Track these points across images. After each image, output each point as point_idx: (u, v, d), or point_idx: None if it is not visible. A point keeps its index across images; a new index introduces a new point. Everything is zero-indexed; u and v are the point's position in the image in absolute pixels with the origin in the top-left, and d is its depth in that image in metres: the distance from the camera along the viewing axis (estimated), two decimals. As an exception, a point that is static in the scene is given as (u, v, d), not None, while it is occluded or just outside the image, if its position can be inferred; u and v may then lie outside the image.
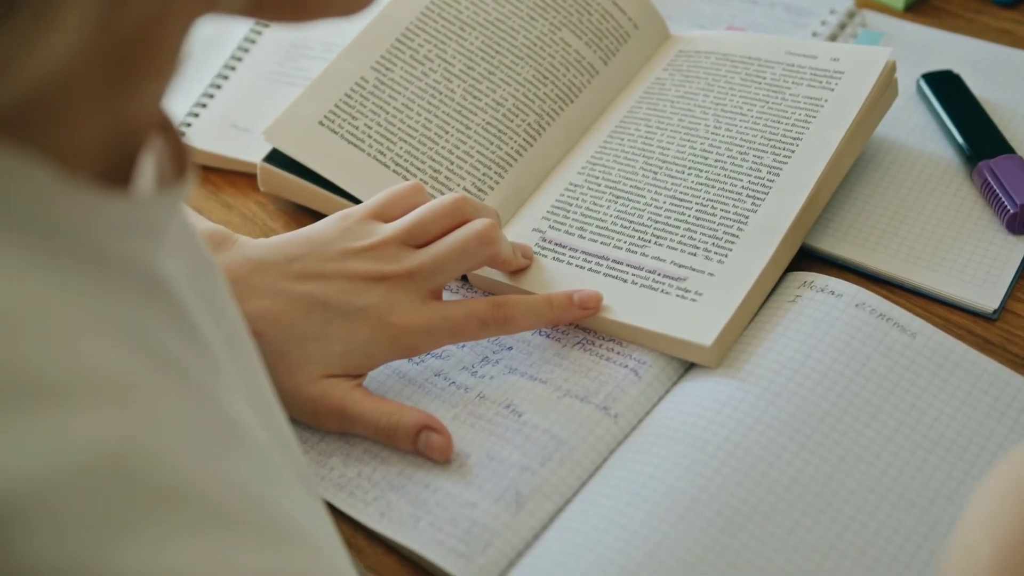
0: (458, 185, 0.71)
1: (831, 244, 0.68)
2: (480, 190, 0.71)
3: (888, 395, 0.57)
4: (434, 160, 0.72)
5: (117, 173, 0.33)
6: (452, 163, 0.72)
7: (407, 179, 0.70)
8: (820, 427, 0.56)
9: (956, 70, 0.78)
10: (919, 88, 0.78)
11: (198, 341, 0.35)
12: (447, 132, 0.73)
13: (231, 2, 0.33)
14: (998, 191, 0.68)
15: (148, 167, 0.36)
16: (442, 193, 0.70)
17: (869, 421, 0.56)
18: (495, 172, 0.72)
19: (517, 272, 0.66)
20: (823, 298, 0.62)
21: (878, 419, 0.56)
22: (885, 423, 0.56)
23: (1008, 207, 0.67)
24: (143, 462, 0.26)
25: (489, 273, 0.66)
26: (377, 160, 0.71)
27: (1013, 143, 0.72)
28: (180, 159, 0.37)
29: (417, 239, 0.60)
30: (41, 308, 0.27)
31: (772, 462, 0.54)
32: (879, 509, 0.53)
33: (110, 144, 0.32)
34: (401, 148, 0.72)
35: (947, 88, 0.76)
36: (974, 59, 0.81)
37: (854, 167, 0.72)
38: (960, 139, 0.72)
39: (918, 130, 0.76)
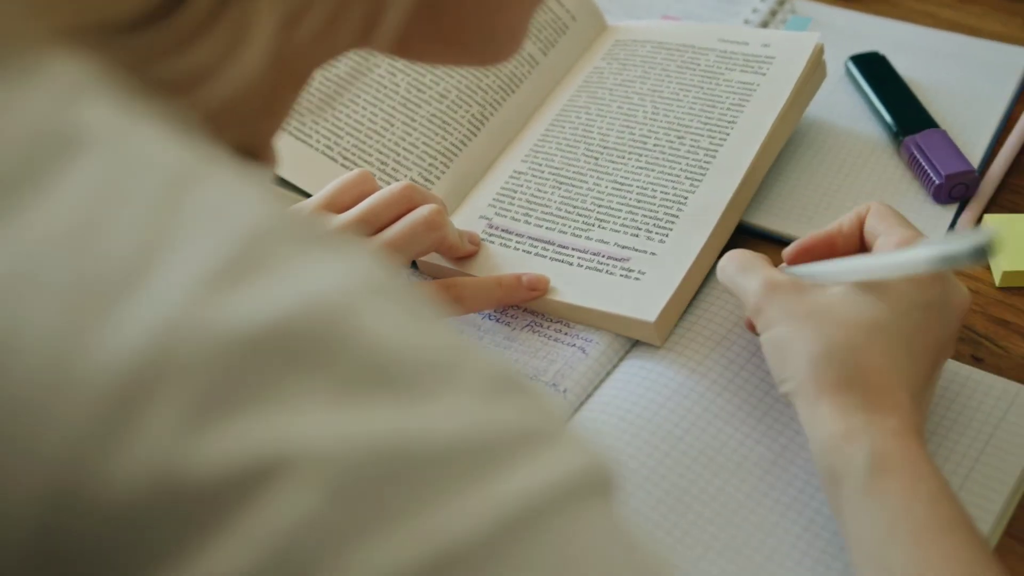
0: (405, 176, 0.73)
1: (767, 220, 0.71)
2: (427, 180, 0.73)
3: None
4: (381, 152, 0.73)
5: None
6: (399, 155, 0.73)
7: (355, 172, 0.72)
8: (764, 418, 0.58)
9: (882, 52, 0.81)
10: (847, 70, 0.81)
11: None
12: (393, 125, 0.74)
13: (381, 40, 0.34)
14: (924, 164, 0.71)
15: None
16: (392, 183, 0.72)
17: None
18: (441, 162, 0.74)
19: (465, 258, 0.68)
20: None
21: None
22: None
23: (934, 179, 0.70)
24: None
25: (438, 260, 0.68)
26: (325, 155, 0.73)
27: (937, 118, 0.75)
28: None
29: (369, 227, 0.62)
30: None
31: (719, 448, 0.57)
32: (820, 491, 0.55)
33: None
34: (348, 142, 0.73)
35: (874, 69, 0.79)
36: (899, 41, 0.84)
37: (787, 146, 0.74)
38: (887, 116, 0.75)
39: (847, 109, 0.78)
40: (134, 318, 0.24)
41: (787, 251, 0.59)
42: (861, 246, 0.58)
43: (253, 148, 0.34)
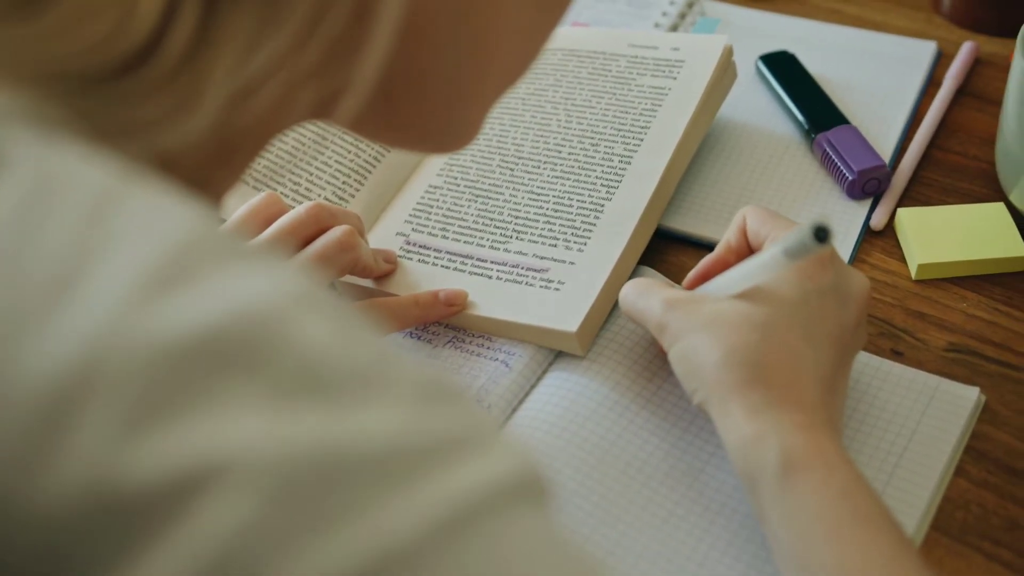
0: (319, 195, 0.71)
1: (685, 223, 0.71)
2: (341, 199, 0.72)
3: None
4: (293, 173, 0.72)
5: None
6: (311, 175, 0.72)
7: (267, 194, 0.70)
8: (691, 427, 0.58)
9: (791, 50, 0.81)
10: (758, 69, 0.81)
11: None
12: (304, 144, 0.73)
13: (340, 117, 0.35)
14: (837, 161, 0.71)
15: None
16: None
17: None
18: (355, 180, 0.73)
19: (383, 277, 0.67)
20: None
21: None
22: None
23: (847, 175, 0.70)
24: None
25: (356, 280, 0.66)
26: (235, 178, 0.71)
27: (847, 114, 0.76)
28: None
29: (279, 250, 0.61)
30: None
31: (646, 459, 0.57)
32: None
33: None
34: (259, 164, 0.72)
35: (784, 67, 0.80)
36: (807, 39, 0.84)
37: (701, 149, 0.75)
38: (799, 114, 0.76)
39: (759, 109, 0.79)
40: (61, 330, 0.24)
41: (687, 279, 0.60)
42: (749, 252, 0.58)
43: (205, 195, 0.34)
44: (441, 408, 0.26)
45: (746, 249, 0.58)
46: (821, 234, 0.45)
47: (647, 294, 0.56)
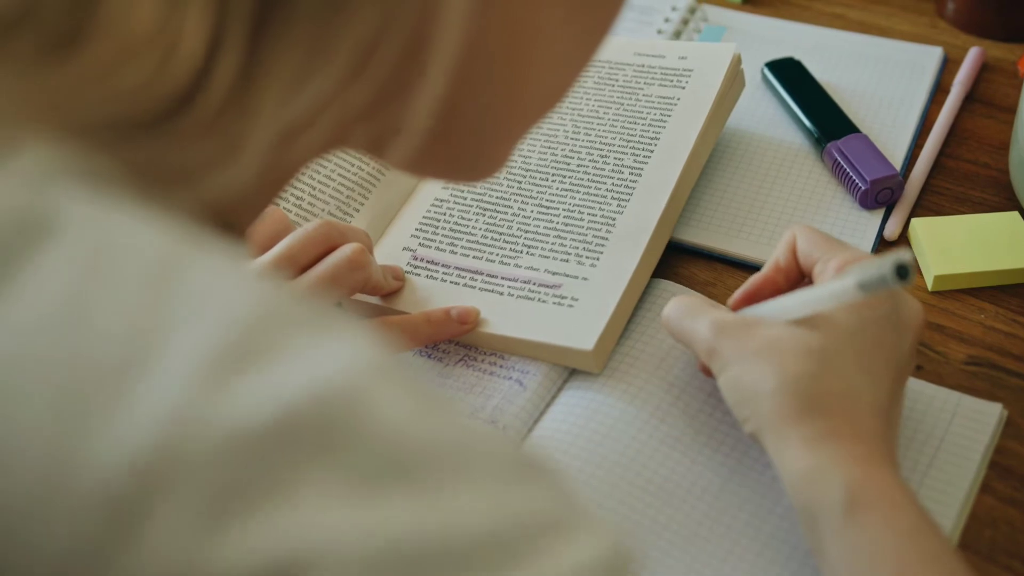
0: (322, 210, 0.70)
1: (696, 235, 0.70)
2: (346, 213, 0.70)
3: None
4: (296, 188, 0.70)
5: None
6: (314, 188, 0.71)
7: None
8: (710, 442, 0.57)
9: (797, 56, 0.80)
10: (764, 76, 0.80)
11: None
12: (306, 159, 0.71)
13: (391, 157, 0.35)
14: (848, 170, 0.70)
15: None
16: (309, 220, 0.69)
17: None
18: (359, 194, 0.71)
19: (391, 294, 0.65)
20: None
21: None
22: None
23: (859, 184, 0.69)
24: None
25: (363, 297, 0.65)
26: (237, 193, 0.70)
27: (855, 121, 0.75)
28: None
29: (288, 269, 0.59)
30: None
31: (667, 476, 0.55)
32: (772, 514, 0.54)
33: None
34: (261, 179, 0.70)
35: (790, 74, 0.79)
36: (813, 45, 0.84)
37: (710, 158, 0.73)
38: (808, 123, 0.75)
39: (767, 117, 0.78)
40: (132, 416, 0.22)
41: (732, 299, 0.57)
42: (800, 274, 0.56)
43: (234, 225, 0.33)
44: (528, 488, 0.25)
45: (795, 269, 0.56)
46: (903, 272, 0.44)
47: (695, 315, 0.54)
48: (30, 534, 0.22)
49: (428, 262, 0.67)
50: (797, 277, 0.57)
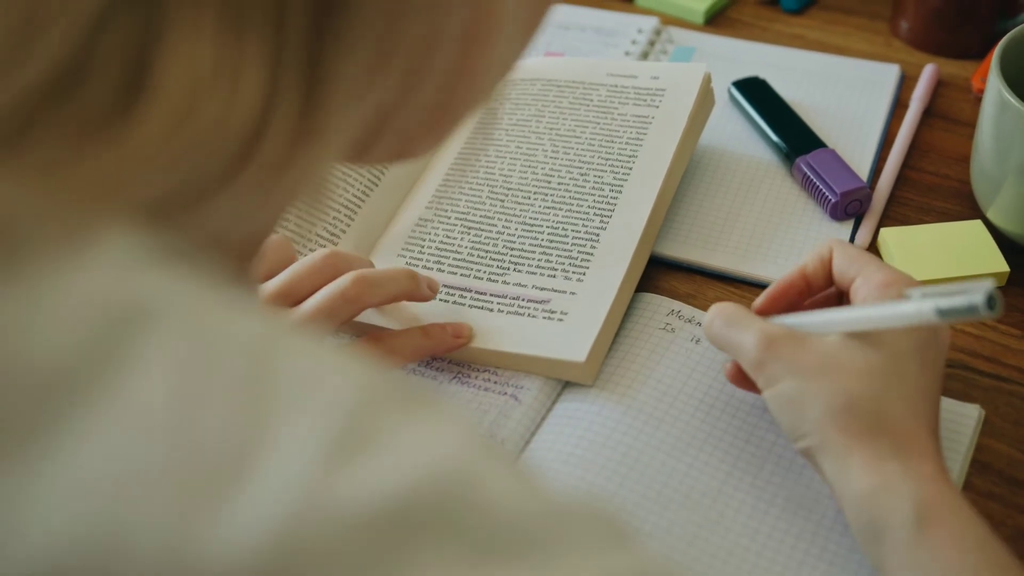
0: (309, 231, 0.71)
1: (674, 248, 0.72)
2: (332, 235, 0.71)
3: (763, 412, 0.61)
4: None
5: None
6: (301, 212, 0.71)
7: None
8: (705, 447, 0.59)
9: (761, 75, 0.83)
10: (731, 95, 0.83)
11: None
12: (291, 182, 0.72)
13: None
14: (818, 183, 0.73)
15: None
16: (298, 243, 0.70)
17: (748, 437, 0.59)
18: (345, 215, 0.72)
19: (386, 313, 0.66)
20: (692, 329, 0.65)
21: (757, 435, 0.59)
22: (763, 438, 0.59)
23: (830, 196, 0.72)
24: None
25: (365, 317, 0.66)
26: (224, 217, 0.70)
27: (822, 137, 0.78)
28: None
29: (290, 298, 0.60)
30: None
31: (665, 482, 0.57)
32: (768, 514, 0.56)
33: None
34: (247, 203, 0.71)
35: (757, 93, 0.82)
36: (775, 64, 0.86)
37: (684, 175, 0.76)
38: (776, 139, 0.77)
39: (735, 134, 0.80)
40: (252, 505, 0.22)
41: (758, 303, 0.58)
42: (825, 283, 0.58)
43: (244, 253, 0.33)
44: (626, 552, 0.26)
45: (823, 279, 0.57)
46: (992, 303, 0.44)
47: (740, 325, 0.54)
48: None
49: (416, 281, 0.68)
50: (821, 288, 0.58)
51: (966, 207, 0.74)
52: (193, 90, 0.25)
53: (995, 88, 0.65)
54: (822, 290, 0.58)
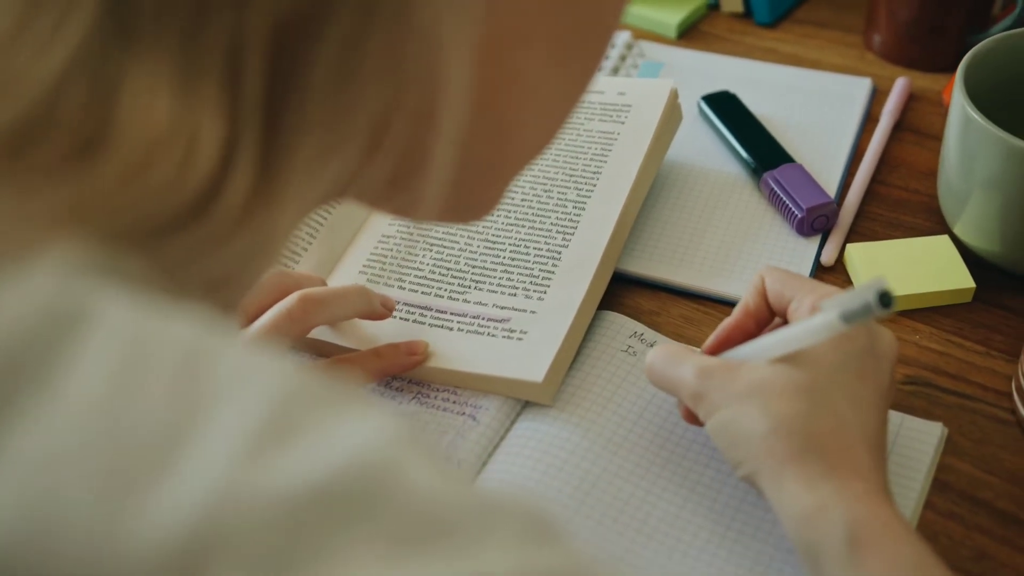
0: (271, 252, 0.70)
1: (639, 265, 0.71)
2: (294, 253, 0.71)
3: None
4: (243, 229, 0.71)
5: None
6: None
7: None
8: (663, 473, 0.58)
9: (732, 90, 0.83)
10: (700, 109, 0.82)
11: None
12: (253, 200, 0.72)
13: (380, 207, 0.37)
14: (785, 198, 0.72)
15: None
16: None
17: (708, 462, 0.59)
18: (307, 233, 0.72)
19: (343, 331, 0.66)
20: None
21: (716, 459, 0.59)
22: (721, 464, 0.58)
23: (796, 212, 0.71)
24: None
25: (317, 334, 0.65)
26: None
27: (790, 151, 0.77)
28: None
29: (241, 317, 0.60)
30: None
31: (622, 508, 0.56)
32: (726, 538, 0.55)
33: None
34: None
35: (726, 107, 0.81)
36: (746, 78, 0.86)
37: (651, 191, 0.75)
38: (744, 153, 0.77)
39: (704, 149, 0.80)
40: (176, 492, 0.23)
41: (705, 346, 0.58)
42: (769, 316, 0.57)
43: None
44: (546, 549, 0.26)
45: (765, 312, 0.57)
46: (886, 299, 0.44)
47: (677, 362, 0.54)
48: None
49: (377, 299, 0.68)
50: (767, 319, 0.57)
51: (935, 222, 0.73)
52: (148, 148, 0.27)
53: (959, 103, 0.65)
54: (769, 322, 0.58)
